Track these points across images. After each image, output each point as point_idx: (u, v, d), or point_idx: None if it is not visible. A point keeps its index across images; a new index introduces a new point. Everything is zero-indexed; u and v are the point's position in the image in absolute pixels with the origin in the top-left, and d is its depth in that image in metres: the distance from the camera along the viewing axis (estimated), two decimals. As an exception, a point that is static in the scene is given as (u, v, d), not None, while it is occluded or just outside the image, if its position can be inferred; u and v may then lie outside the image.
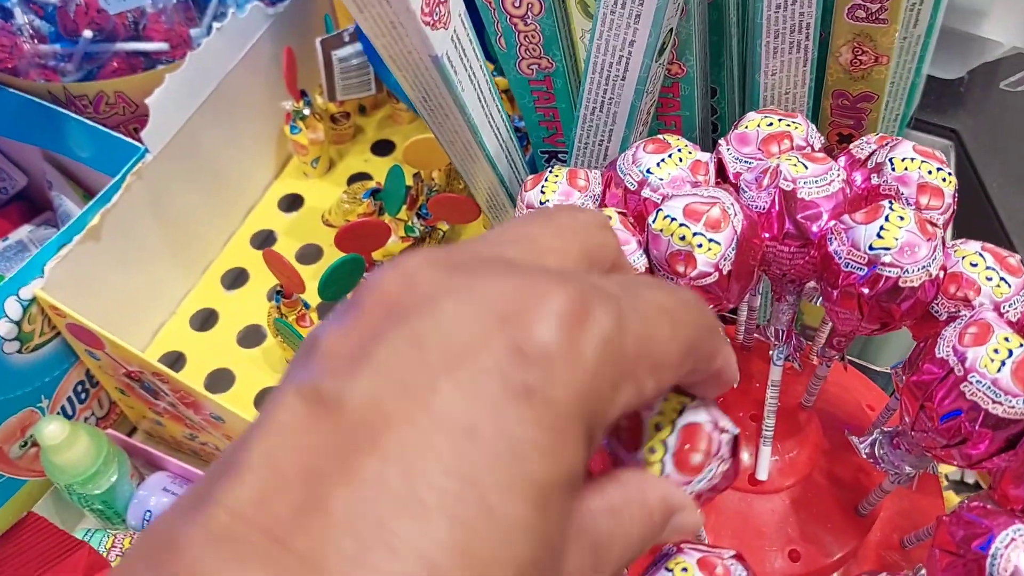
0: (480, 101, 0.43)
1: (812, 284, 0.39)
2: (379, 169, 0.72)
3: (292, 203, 0.71)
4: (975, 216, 0.61)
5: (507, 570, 0.15)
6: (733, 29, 0.49)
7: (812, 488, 0.40)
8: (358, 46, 0.67)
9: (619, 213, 0.36)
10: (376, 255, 0.57)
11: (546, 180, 0.41)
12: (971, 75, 0.61)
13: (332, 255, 0.67)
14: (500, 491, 0.16)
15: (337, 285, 0.54)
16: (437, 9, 0.35)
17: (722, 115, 0.54)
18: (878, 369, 0.51)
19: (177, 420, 0.59)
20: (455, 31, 0.39)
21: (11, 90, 0.62)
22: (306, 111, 0.67)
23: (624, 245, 0.35)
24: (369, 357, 0.17)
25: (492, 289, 0.17)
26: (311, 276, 0.60)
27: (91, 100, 0.62)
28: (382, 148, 0.74)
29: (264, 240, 0.69)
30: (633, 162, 0.38)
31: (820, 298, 0.42)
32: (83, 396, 0.60)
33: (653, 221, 0.34)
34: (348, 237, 0.55)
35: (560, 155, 0.52)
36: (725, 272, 0.33)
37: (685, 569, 0.29)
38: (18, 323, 0.53)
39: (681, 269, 0.33)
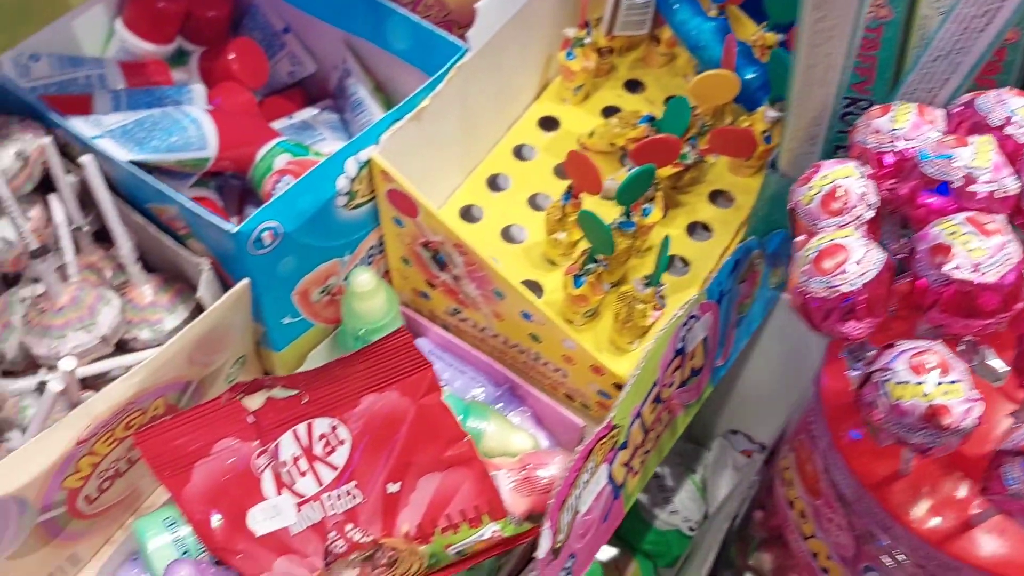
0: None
1: None
2: (629, 105, 0.77)
3: (549, 124, 0.77)
4: None
5: None
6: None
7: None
8: (646, -15, 0.72)
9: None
10: (668, 171, 0.63)
11: (895, 110, 0.46)
12: None
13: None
14: None
15: (631, 192, 0.59)
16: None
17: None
18: None
19: (449, 294, 0.65)
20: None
21: (339, -21, 0.69)
22: (586, 40, 0.73)
23: (998, 170, 0.40)
24: None
25: None
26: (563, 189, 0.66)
27: (411, -1, 0.68)
28: (631, 87, 0.80)
29: (519, 152, 0.75)
30: (998, 102, 0.43)
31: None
32: (369, 260, 0.66)
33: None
34: (643, 151, 0.60)
35: (860, 102, 0.56)
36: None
37: None
38: (352, 180, 0.59)
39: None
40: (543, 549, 0.46)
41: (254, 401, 0.53)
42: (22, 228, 0.54)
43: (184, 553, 0.52)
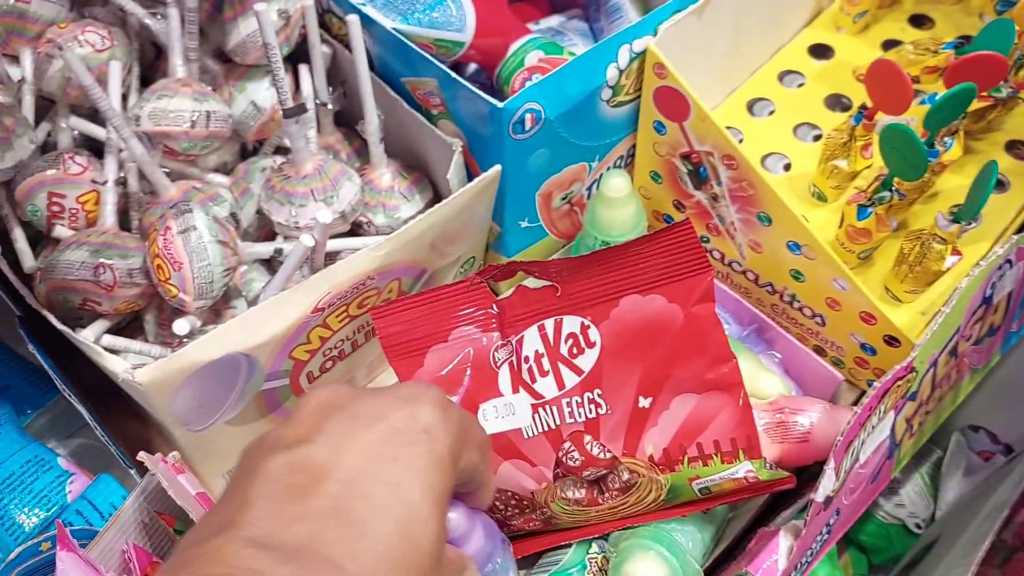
0: None
1: None
2: (914, 39, 0.68)
3: (820, 52, 0.69)
4: None
5: (425, 542, 0.28)
6: None
7: None
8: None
9: None
10: (974, 105, 0.54)
11: None
12: None
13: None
14: (417, 492, 0.28)
15: (944, 113, 0.51)
16: None
17: None
18: None
19: (700, 217, 0.59)
20: None
21: None
22: (881, -43, 0.64)
23: None
24: (320, 431, 0.29)
25: (392, 390, 0.32)
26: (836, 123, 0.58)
27: None
28: (917, 22, 0.70)
29: (784, 78, 0.68)
30: None
31: None
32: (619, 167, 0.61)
33: None
34: (962, 69, 0.52)
35: None
36: None
37: None
38: (621, 72, 0.54)
39: None
40: (824, 491, 0.40)
41: (502, 289, 0.49)
42: (282, 83, 0.52)
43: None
